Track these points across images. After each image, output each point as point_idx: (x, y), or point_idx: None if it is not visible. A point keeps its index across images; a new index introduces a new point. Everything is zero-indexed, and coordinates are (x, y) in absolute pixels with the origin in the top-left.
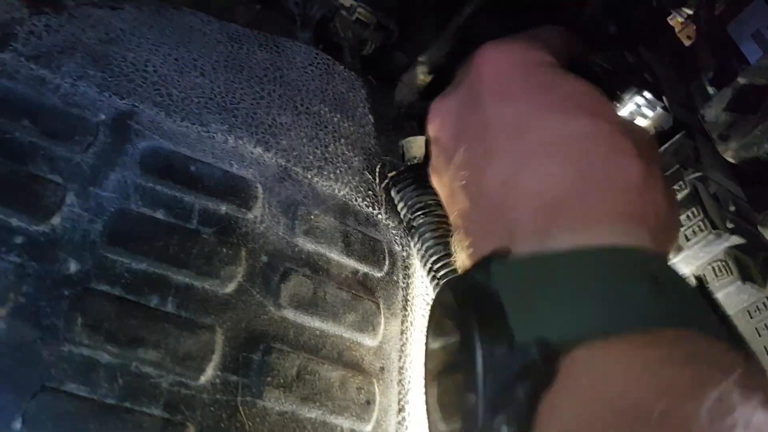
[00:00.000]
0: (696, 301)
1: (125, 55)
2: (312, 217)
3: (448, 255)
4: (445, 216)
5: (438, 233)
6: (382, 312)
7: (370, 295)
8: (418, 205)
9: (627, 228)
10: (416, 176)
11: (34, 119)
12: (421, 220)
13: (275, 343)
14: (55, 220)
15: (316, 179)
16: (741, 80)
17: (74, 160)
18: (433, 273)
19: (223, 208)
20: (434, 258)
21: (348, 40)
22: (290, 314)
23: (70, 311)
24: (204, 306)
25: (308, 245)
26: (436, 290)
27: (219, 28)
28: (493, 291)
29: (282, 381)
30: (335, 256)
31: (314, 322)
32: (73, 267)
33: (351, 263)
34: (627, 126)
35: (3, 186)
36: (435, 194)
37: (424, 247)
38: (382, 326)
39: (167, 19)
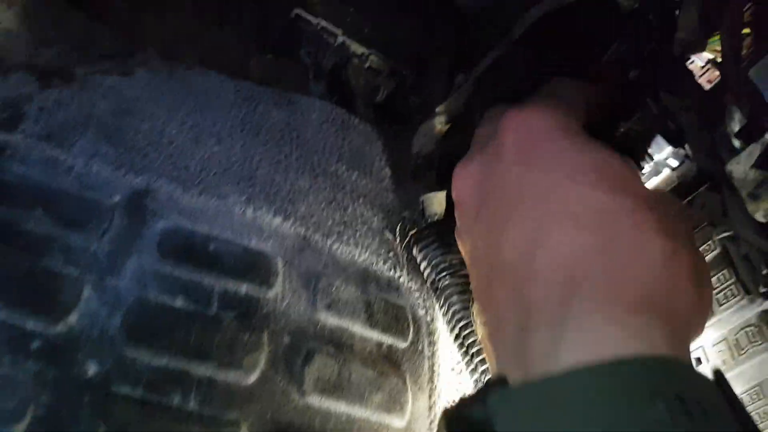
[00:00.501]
0: (724, 420)
1: (139, 127)
2: (333, 289)
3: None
4: None
5: (466, 296)
6: (408, 387)
7: (396, 370)
8: (443, 265)
9: (646, 320)
10: (438, 233)
11: (47, 207)
12: (446, 282)
13: None
14: (72, 318)
15: (335, 246)
16: None
17: (90, 249)
18: (461, 340)
19: (244, 289)
20: (462, 324)
21: (361, 88)
22: (315, 401)
23: (91, 420)
24: (227, 400)
25: (330, 320)
26: (465, 358)
27: (233, 88)
28: (491, 430)
29: None
30: (359, 329)
31: (340, 407)
32: (92, 369)
33: (375, 335)
34: (654, 199)
35: (17, 285)
36: (459, 253)
37: (450, 311)
38: (410, 404)
39: (180, 82)
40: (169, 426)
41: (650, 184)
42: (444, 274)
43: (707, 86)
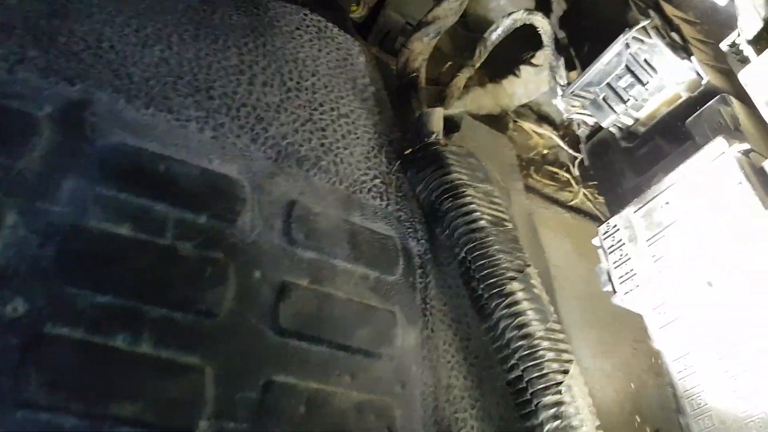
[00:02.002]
0: None
1: (73, 29)
2: (311, 217)
3: (485, 243)
4: (477, 197)
5: (471, 217)
6: (398, 321)
7: (384, 303)
8: (445, 186)
9: None
10: (436, 153)
11: None
12: (449, 204)
13: (277, 376)
14: None
15: (312, 171)
16: None
17: (14, 168)
18: (467, 265)
19: (204, 216)
20: (469, 246)
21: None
22: (293, 338)
23: (21, 366)
24: (188, 341)
25: (308, 252)
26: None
27: None
28: None
29: (289, 422)
30: (341, 261)
31: (321, 345)
32: (21, 307)
33: (360, 268)
34: None
35: None
36: (461, 172)
37: (455, 235)
38: (399, 338)
39: None
40: (118, 371)
41: (654, 101)
42: (446, 196)
43: None
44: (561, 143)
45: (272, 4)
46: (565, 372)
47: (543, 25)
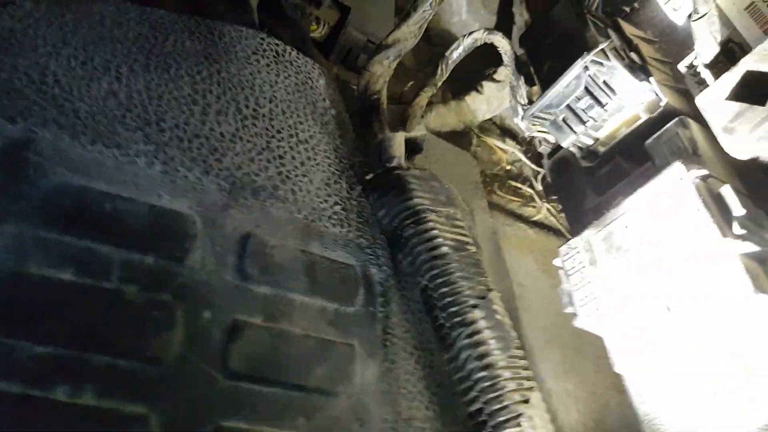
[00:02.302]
0: None
1: (16, 64)
2: (267, 250)
3: (447, 271)
4: (439, 222)
5: (433, 243)
6: (357, 355)
7: (342, 337)
8: (407, 212)
9: None
10: (399, 178)
11: None
12: (411, 230)
13: (227, 421)
14: None
15: (269, 201)
16: (747, 64)
17: None
18: (429, 293)
19: (151, 257)
20: (430, 274)
21: (296, 20)
22: (244, 381)
23: None
24: (132, 389)
25: (263, 288)
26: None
27: (138, 16)
28: None
29: None
30: (298, 295)
31: (275, 386)
32: None
33: (318, 301)
34: None
35: None
36: (423, 197)
37: (417, 261)
38: (358, 374)
39: (71, 11)
40: (57, 425)
41: (613, 121)
42: (408, 221)
43: (672, 15)
44: (524, 159)
45: (227, 29)
46: (527, 401)
47: (503, 44)
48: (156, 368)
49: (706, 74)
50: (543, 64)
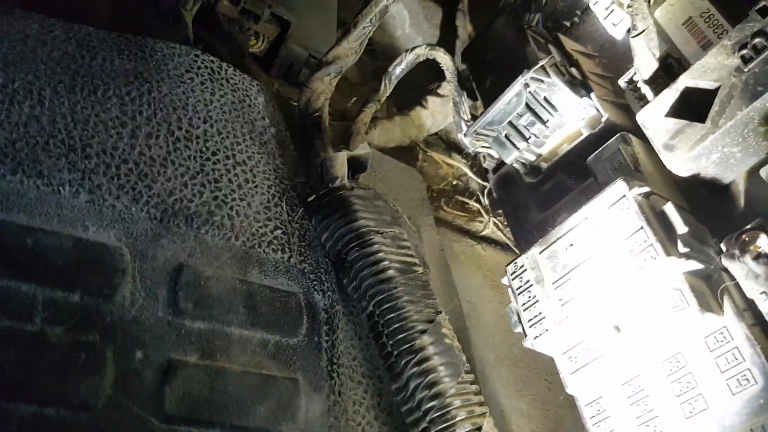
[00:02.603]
0: None
1: None
2: (201, 282)
3: (393, 296)
4: (385, 244)
5: (379, 267)
6: (302, 390)
7: (285, 371)
8: (351, 235)
9: None
10: (342, 199)
11: None
12: (355, 253)
13: None
14: None
15: (204, 228)
16: (686, 81)
17: None
18: (375, 319)
19: (77, 294)
20: (377, 299)
21: (234, 35)
22: (180, 424)
23: None
24: None
25: (198, 323)
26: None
27: (64, 34)
28: None
29: None
30: (236, 329)
31: (213, 428)
32: None
33: (258, 334)
34: None
35: None
36: (368, 218)
37: (363, 286)
38: (302, 410)
39: None
40: None
41: (555, 138)
42: (352, 244)
43: (612, 30)
44: (470, 173)
45: (159, 46)
46: (479, 429)
47: (445, 60)
48: (86, 415)
49: (646, 90)
50: (485, 79)
